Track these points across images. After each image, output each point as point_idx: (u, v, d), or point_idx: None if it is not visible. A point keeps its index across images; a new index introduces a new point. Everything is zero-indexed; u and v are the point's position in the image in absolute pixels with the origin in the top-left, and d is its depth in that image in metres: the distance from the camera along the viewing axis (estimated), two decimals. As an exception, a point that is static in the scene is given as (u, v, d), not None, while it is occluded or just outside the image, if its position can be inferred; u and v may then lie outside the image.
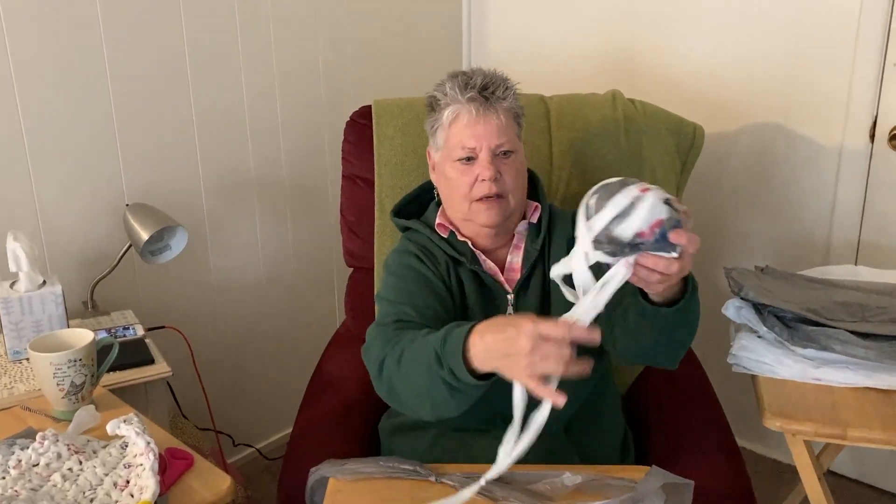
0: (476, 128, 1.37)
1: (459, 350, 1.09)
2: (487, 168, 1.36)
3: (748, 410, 1.68)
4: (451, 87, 1.40)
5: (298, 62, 2.37)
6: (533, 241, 1.45)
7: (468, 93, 1.38)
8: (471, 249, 1.44)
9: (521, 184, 1.43)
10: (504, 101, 1.39)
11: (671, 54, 2.41)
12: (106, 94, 1.98)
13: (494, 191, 1.37)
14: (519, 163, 1.42)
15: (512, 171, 1.39)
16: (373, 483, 1.21)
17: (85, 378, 1.35)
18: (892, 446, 1.33)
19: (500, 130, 1.38)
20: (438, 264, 1.43)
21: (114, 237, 2.03)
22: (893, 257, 2.14)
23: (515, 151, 1.41)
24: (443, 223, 1.47)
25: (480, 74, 1.40)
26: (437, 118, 1.43)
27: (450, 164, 1.41)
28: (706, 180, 2.39)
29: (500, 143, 1.38)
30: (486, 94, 1.38)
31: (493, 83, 1.39)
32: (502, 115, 1.38)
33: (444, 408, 1.19)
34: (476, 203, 1.39)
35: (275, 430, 2.59)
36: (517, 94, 1.43)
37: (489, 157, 1.37)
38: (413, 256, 1.44)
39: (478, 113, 1.37)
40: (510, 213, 1.42)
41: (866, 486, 2.37)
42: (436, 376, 1.14)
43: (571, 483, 1.17)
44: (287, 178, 2.42)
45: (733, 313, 1.61)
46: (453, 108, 1.40)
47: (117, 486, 1.13)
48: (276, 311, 2.49)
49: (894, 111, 2.06)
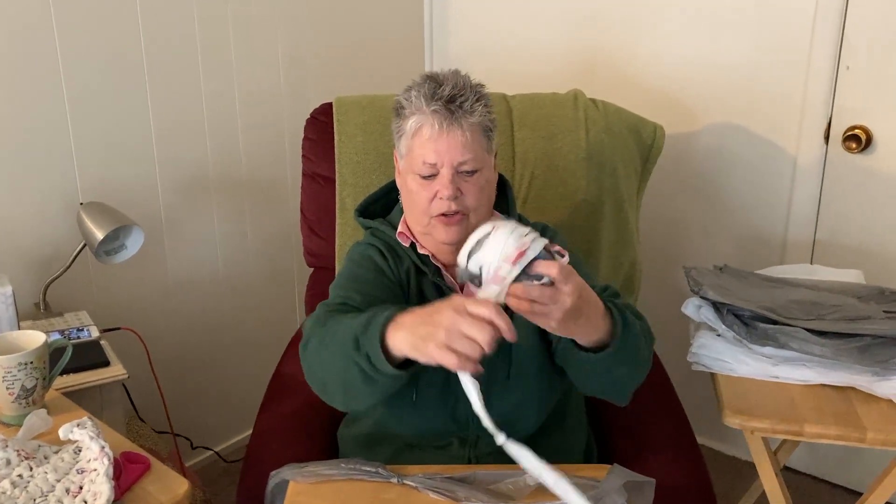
0: (438, 143, 1.29)
1: (377, 334, 1.08)
2: (447, 187, 1.30)
3: (708, 408, 1.70)
4: (417, 96, 1.31)
5: (258, 58, 2.34)
6: None
7: (433, 104, 1.29)
8: (433, 264, 1.40)
9: (486, 199, 1.37)
10: (471, 115, 1.30)
11: (632, 55, 2.43)
12: (59, 88, 1.93)
13: (454, 209, 1.31)
14: (484, 180, 1.34)
15: (474, 189, 1.32)
16: (334, 485, 1.20)
17: (36, 381, 1.32)
18: (846, 442, 1.36)
19: (463, 147, 1.29)
20: (401, 265, 1.40)
21: (67, 236, 1.98)
22: (848, 256, 2.18)
23: (480, 169, 1.33)
24: (404, 232, 1.42)
25: (450, 83, 1.31)
26: (400, 126, 1.36)
27: (411, 176, 1.34)
28: (666, 180, 2.41)
29: (464, 160, 1.30)
30: (453, 106, 1.29)
31: (461, 94, 1.30)
32: (468, 131, 1.29)
33: (356, 396, 1.17)
34: (435, 219, 1.33)
35: (234, 433, 2.55)
36: (489, 106, 1.34)
37: (450, 174, 1.30)
38: (376, 250, 1.41)
39: (440, 127, 1.29)
40: (471, 230, 1.36)
41: (821, 480, 2.41)
42: (351, 361, 1.11)
43: (534, 483, 1.17)
44: (246, 177, 2.39)
45: (693, 312, 1.63)
46: (416, 118, 1.31)
47: (70, 493, 1.10)
48: (234, 311, 2.45)
49: (848, 113, 2.11)
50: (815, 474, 2.43)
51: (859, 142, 2.07)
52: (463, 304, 1.01)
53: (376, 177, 1.77)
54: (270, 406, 1.66)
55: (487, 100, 1.34)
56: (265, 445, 1.53)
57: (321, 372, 1.21)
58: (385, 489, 1.19)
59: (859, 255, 2.16)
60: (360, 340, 1.11)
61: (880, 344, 1.45)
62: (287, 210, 2.50)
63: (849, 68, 2.08)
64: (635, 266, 1.89)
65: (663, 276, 2.48)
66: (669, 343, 2.01)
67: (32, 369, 1.30)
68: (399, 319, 1.08)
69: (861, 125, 2.08)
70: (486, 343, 0.99)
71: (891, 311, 1.60)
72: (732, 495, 2.19)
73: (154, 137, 2.14)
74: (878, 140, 2.08)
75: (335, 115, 1.85)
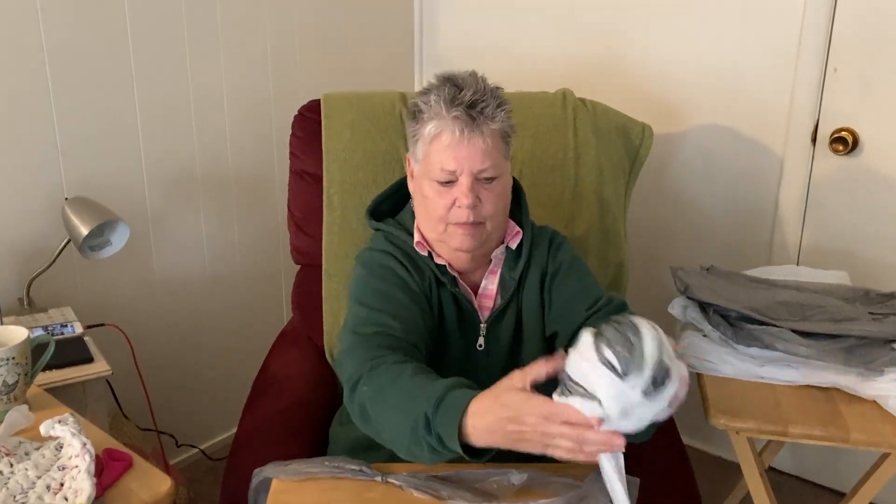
0: (459, 150, 1.26)
1: (454, 422, 1.04)
2: (466, 195, 1.27)
3: (693, 409, 1.70)
4: (437, 100, 1.27)
5: (246, 54, 2.33)
6: (511, 268, 1.38)
7: (454, 110, 1.25)
8: (450, 273, 1.37)
9: (503, 207, 1.34)
10: (493, 121, 1.27)
11: (619, 56, 2.43)
12: (44, 82, 1.91)
13: (472, 218, 1.28)
14: (501, 186, 1.31)
15: (493, 197, 1.30)
16: (318, 483, 1.19)
17: (18, 377, 1.31)
18: (831, 443, 1.36)
19: (484, 154, 1.26)
20: (423, 277, 1.36)
21: (52, 232, 1.96)
22: (833, 258, 2.19)
23: (499, 176, 1.30)
24: (421, 241, 1.38)
25: (472, 87, 1.27)
26: (418, 130, 1.31)
27: (428, 182, 1.31)
28: (653, 180, 2.42)
29: (484, 168, 1.27)
30: (474, 112, 1.26)
31: (483, 100, 1.27)
32: (489, 138, 1.26)
33: (420, 460, 1.13)
34: (452, 226, 1.30)
35: (219, 431, 2.54)
36: (509, 110, 1.31)
37: (469, 182, 1.27)
38: (395, 260, 1.36)
39: (461, 134, 1.25)
40: (487, 238, 1.34)
41: (805, 481, 2.43)
42: (421, 438, 1.08)
43: (518, 481, 1.17)
44: (233, 173, 2.38)
45: (679, 312, 1.63)
46: (436, 123, 1.28)
47: (50, 489, 1.09)
48: (220, 308, 2.44)
49: (835, 115, 2.11)
50: (799, 475, 2.44)
51: (846, 144, 2.08)
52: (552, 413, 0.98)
53: (364, 174, 1.76)
54: (256, 404, 1.66)
55: (507, 104, 1.31)
56: (249, 443, 1.52)
57: (381, 427, 1.16)
58: (369, 487, 1.19)
59: (845, 257, 2.17)
60: (432, 421, 1.06)
61: (865, 345, 1.45)
62: (274, 207, 2.49)
63: (836, 70, 2.08)
64: (622, 266, 1.89)
65: (650, 277, 2.48)
66: (656, 343, 2.01)
67: (14, 364, 1.29)
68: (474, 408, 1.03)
69: (848, 128, 2.09)
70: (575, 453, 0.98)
71: (876, 312, 1.60)
72: (717, 496, 2.20)
73: (140, 133, 2.13)
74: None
75: (323, 112, 1.84)
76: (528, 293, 1.38)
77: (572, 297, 1.35)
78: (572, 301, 1.35)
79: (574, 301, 1.35)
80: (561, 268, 1.39)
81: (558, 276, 1.38)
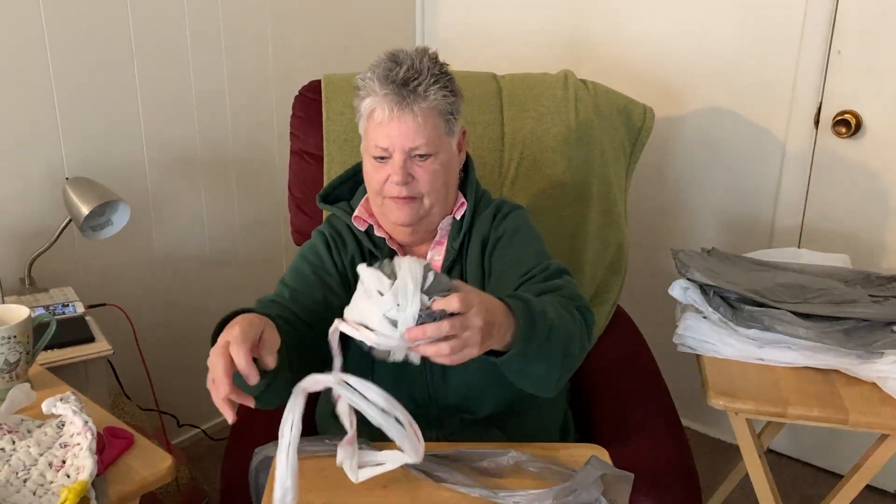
0: (390, 127, 1.28)
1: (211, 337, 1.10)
2: (397, 172, 1.29)
3: (693, 391, 1.70)
4: (372, 77, 1.29)
5: (246, 34, 2.32)
6: (454, 238, 1.39)
7: (386, 87, 1.26)
8: (389, 247, 1.39)
9: (443, 183, 1.34)
10: (426, 98, 1.27)
11: (621, 37, 2.42)
12: (45, 62, 1.91)
13: (405, 194, 1.30)
14: (439, 164, 1.31)
15: (427, 174, 1.30)
16: (318, 461, 1.20)
17: (19, 356, 1.31)
18: (829, 424, 1.37)
19: (415, 132, 1.27)
20: (345, 254, 1.39)
21: (53, 212, 1.96)
22: (835, 241, 2.19)
23: (435, 153, 1.30)
24: (360, 216, 1.40)
25: (406, 64, 1.28)
26: (358, 106, 1.34)
27: (367, 157, 1.34)
28: (654, 163, 2.41)
29: (415, 145, 1.28)
30: (405, 91, 1.26)
31: (416, 77, 1.27)
32: (420, 116, 1.27)
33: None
34: (388, 200, 1.33)
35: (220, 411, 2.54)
36: (449, 88, 1.31)
37: (402, 158, 1.29)
38: (322, 239, 1.41)
39: (391, 111, 1.27)
40: (426, 213, 1.35)
41: (803, 463, 2.44)
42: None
43: (514, 462, 1.17)
44: (233, 153, 2.37)
45: (679, 294, 1.63)
46: (370, 101, 1.29)
47: (52, 467, 1.10)
48: (221, 288, 2.44)
49: (838, 98, 2.10)
50: (798, 457, 2.45)
51: (849, 127, 2.07)
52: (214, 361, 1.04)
53: (365, 155, 1.76)
54: (256, 383, 1.66)
55: (448, 82, 1.31)
56: (250, 422, 1.53)
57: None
58: (369, 466, 1.19)
59: (847, 240, 2.17)
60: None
61: (865, 327, 1.46)
62: (274, 188, 2.48)
63: (840, 53, 2.07)
64: (622, 248, 1.90)
65: (651, 259, 2.48)
66: (655, 325, 2.01)
67: (16, 343, 1.30)
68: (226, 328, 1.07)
69: (851, 110, 2.08)
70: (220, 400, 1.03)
71: (876, 295, 1.60)
72: (716, 477, 2.21)
73: (141, 113, 2.12)
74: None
75: (323, 93, 1.84)
76: (471, 261, 1.39)
77: (510, 266, 1.34)
78: (509, 269, 1.34)
79: (511, 269, 1.34)
80: (503, 237, 1.38)
81: (499, 245, 1.38)
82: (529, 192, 1.82)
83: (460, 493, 1.12)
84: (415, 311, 0.98)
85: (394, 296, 0.99)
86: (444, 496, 1.13)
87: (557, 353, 1.16)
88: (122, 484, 1.11)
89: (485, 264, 1.39)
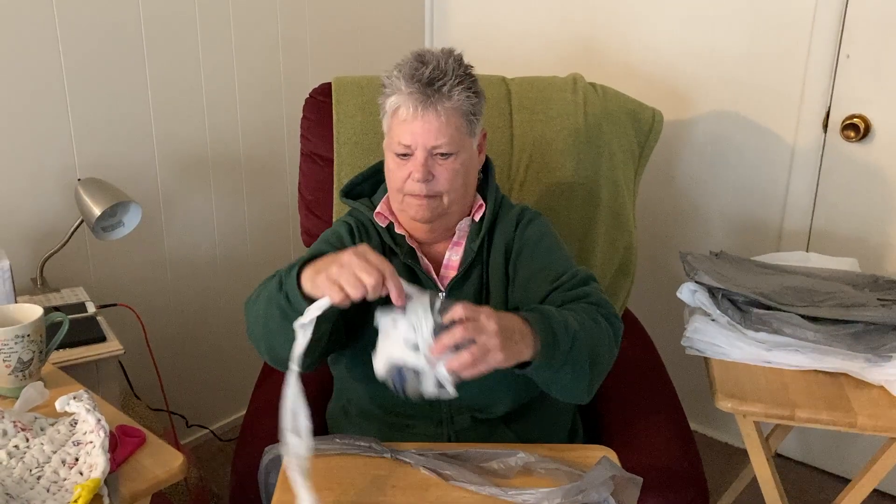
0: (413, 125, 1.30)
1: (296, 272, 1.14)
2: (418, 169, 1.31)
3: (701, 394, 1.71)
4: (398, 75, 1.32)
5: (257, 36, 2.33)
6: (473, 240, 1.40)
7: (411, 85, 1.30)
8: (408, 245, 1.41)
9: (463, 183, 1.36)
10: (450, 98, 1.30)
11: (630, 41, 2.42)
12: (57, 63, 1.92)
13: (425, 191, 1.33)
14: (459, 163, 1.34)
15: (447, 173, 1.33)
16: (327, 460, 1.21)
17: (33, 354, 1.32)
18: (837, 427, 1.37)
19: (438, 131, 1.30)
20: (370, 242, 1.40)
21: (65, 212, 1.98)
22: (843, 245, 2.19)
23: (456, 153, 1.33)
24: (382, 212, 1.43)
25: (432, 64, 1.31)
26: (382, 104, 1.37)
27: (389, 154, 1.36)
28: (663, 166, 2.41)
29: (437, 144, 1.30)
30: (430, 90, 1.29)
31: (441, 77, 1.30)
32: (443, 115, 1.30)
33: (276, 339, 1.21)
34: (408, 197, 1.35)
35: (229, 412, 2.56)
36: (473, 90, 1.34)
37: (424, 156, 1.31)
38: (346, 227, 1.43)
39: (416, 110, 1.30)
40: (444, 211, 1.36)
41: (811, 467, 2.43)
42: (273, 303, 1.18)
43: (522, 463, 1.18)
44: (244, 155, 2.38)
45: (688, 296, 1.63)
46: (395, 98, 1.32)
47: (66, 464, 1.11)
48: (231, 289, 2.46)
49: (847, 102, 2.11)
50: (805, 461, 2.45)
51: (858, 131, 2.07)
52: (364, 250, 1.07)
53: (374, 157, 1.76)
54: (265, 383, 1.67)
55: (472, 83, 1.34)
56: (260, 422, 1.54)
57: (252, 322, 1.28)
58: (377, 464, 1.20)
59: (855, 244, 2.17)
60: (283, 280, 1.16)
61: (873, 331, 1.46)
62: (285, 190, 2.50)
63: (849, 57, 2.07)
64: (631, 250, 1.90)
65: (659, 261, 2.48)
66: (664, 327, 2.02)
67: (29, 342, 1.31)
68: (316, 261, 1.13)
69: (860, 114, 2.08)
70: (371, 286, 1.05)
71: (884, 298, 1.60)
72: (724, 481, 2.21)
73: (152, 115, 2.14)
74: (876, 129, 2.08)
75: (334, 95, 1.85)
76: (494, 266, 1.40)
77: (536, 272, 1.36)
78: (536, 276, 1.35)
79: (537, 276, 1.35)
80: (527, 244, 1.40)
81: (524, 252, 1.39)
82: (538, 194, 1.82)
83: (470, 491, 1.13)
84: (429, 328, 1.03)
85: (408, 322, 1.04)
86: (454, 495, 1.13)
87: (583, 361, 1.20)
88: (135, 482, 1.12)
89: (509, 270, 1.40)
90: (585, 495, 1.08)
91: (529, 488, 1.11)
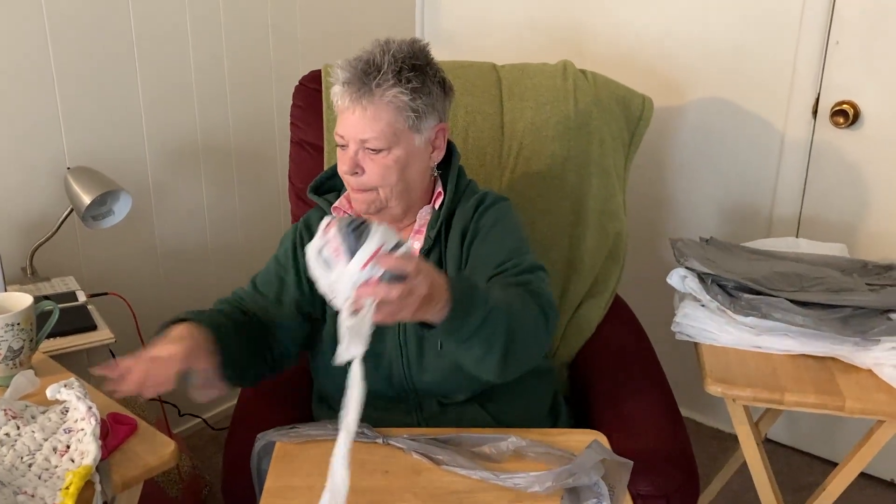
0: (345, 116, 1.30)
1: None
2: (345, 162, 1.32)
3: (691, 380, 1.72)
4: (341, 66, 1.32)
5: (247, 24, 2.32)
6: (432, 227, 1.40)
7: (347, 78, 1.29)
8: None
9: (399, 178, 1.33)
10: (384, 92, 1.27)
11: (620, 28, 2.42)
12: (46, 52, 1.91)
13: (355, 185, 1.34)
14: (392, 159, 1.31)
15: (378, 168, 1.31)
16: (320, 446, 1.21)
17: (23, 343, 1.32)
18: (825, 410, 1.38)
19: (367, 125, 1.28)
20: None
21: (54, 201, 1.97)
22: (832, 230, 2.20)
23: (388, 148, 1.30)
24: (340, 206, 1.42)
25: (370, 56, 1.30)
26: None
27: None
28: (653, 153, 2.42)
29: (366, 138, 1.29)
30: (361, 84, 1.28)
31: (375, 69, 1.28)
32: (370, 110, 1.28)
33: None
34: (350, 189, 1.37)
35: (221, 401, 2.56)
36: (414, 85, 1.29)
37: (354, 149, 1.31)
38: (295, 234, 1.47)
39: (348, 101, 1.29)
40: (383, 205, 1.36)
41: (800, 452, 2.45)
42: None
43: (514, 447, 1.18)
44: (234, 144, 2.38)
45: (678, 282, 1.64)
46: (335, 88, 1.32)
47: (57, 452, 1.11)
48: (222, 278, 2.45)
49: (836, 88, 2.11)
50: (794, 446, 2.47)
51: (847, 117, 2.08)
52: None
53: (365, 144, 1.77)
54: (257, 371, 1.67)
55: (415, 77, 1.30)
56: (252, 409, 1.54)
57: None
58: (370, 450, 1.20)
59: (844, 230, 2.18)
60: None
61: (862, 315, 1.47)
62: (275, 178, 2.49)
63: (838, 43, 2.08)
64: (621, 237, 1.90)
65: (650, 248, 2.49)
66: (654, 313, 2.02)
67: (19, 331, 1.31)
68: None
69: (849, 100, 2.09)
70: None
71: (873, 283, 1.61)
72: (714, 466, 2.22)
73: (142, 103, 2.13)
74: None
75: (323, 83, 1.84)
76: (451, 251, 1.40)
77: (483, 257, 1.35)
78: (483, 260, 1.35)
79: (484, 260, 1.35)
80: (482, 229, 1.39)
81: (478, 237, 1.38)
82: (529, 181, 1.82)
83: (461, 475, 1.14)
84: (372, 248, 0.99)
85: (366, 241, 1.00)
86: (445, 479, 1.14)
87: (497, 337, 1.16)
88: (127, 469, 1.12)
89: (463, 253, 1.40)
90: (576, 479, 1.09)
91: (521, 472, 1.12)
